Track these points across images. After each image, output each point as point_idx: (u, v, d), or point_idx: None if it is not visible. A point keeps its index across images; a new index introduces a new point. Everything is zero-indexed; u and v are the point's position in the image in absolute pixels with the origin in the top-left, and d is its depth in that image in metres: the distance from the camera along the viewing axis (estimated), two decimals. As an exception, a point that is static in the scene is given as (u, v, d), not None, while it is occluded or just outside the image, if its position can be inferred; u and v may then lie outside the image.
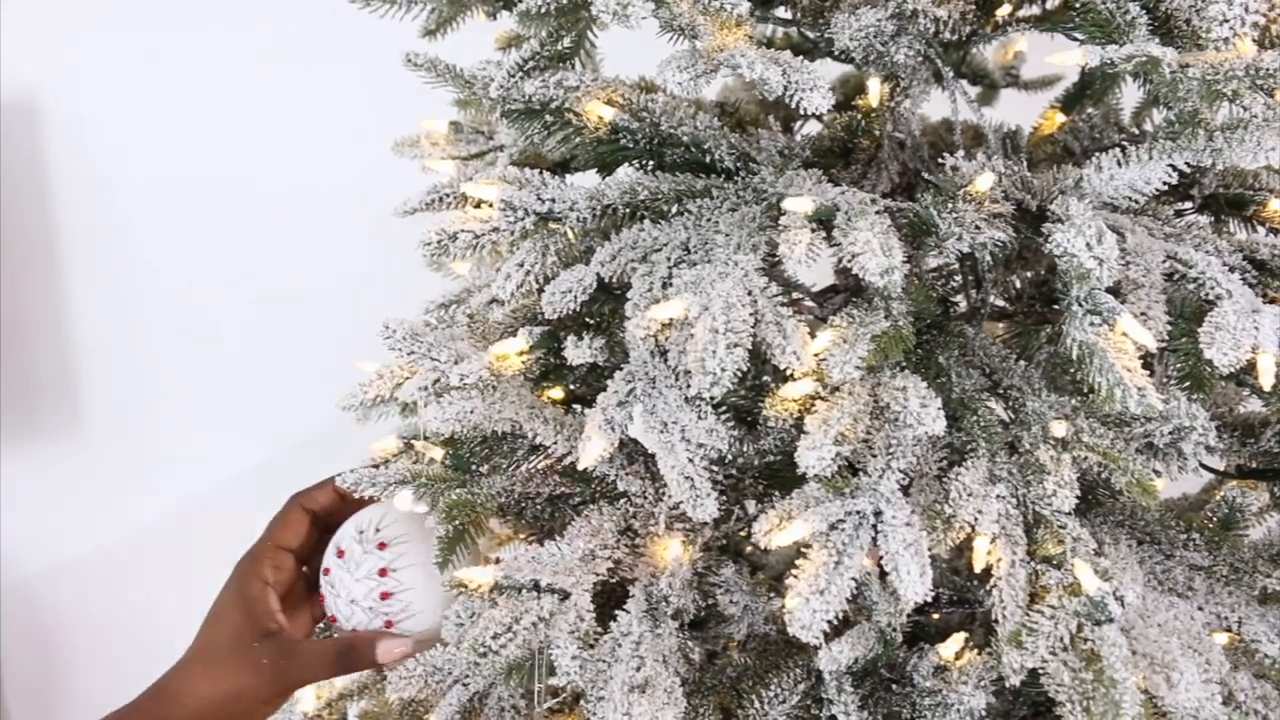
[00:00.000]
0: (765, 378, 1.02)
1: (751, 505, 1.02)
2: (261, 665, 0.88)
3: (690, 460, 0.83)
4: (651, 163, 0.98)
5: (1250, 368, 0.83)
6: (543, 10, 0.80)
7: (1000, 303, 1.07)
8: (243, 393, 2.14)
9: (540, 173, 0.90)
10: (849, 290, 1.07)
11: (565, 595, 0.88)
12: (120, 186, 2.09)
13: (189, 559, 2.04)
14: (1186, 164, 0.89)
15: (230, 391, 2.15)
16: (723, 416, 0.85)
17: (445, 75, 1.06)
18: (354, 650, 0.92)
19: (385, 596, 0.95)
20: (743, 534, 1.04)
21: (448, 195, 1.09)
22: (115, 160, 2.08)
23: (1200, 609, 0.95)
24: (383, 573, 0.96)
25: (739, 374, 0.79)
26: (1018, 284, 1.07)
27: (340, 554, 0.98)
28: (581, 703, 0.88)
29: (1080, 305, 0.82)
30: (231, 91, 2.04)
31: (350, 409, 1.02)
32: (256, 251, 2.08)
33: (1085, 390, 0.83)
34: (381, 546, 0.96)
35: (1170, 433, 0.89)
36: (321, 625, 1.04)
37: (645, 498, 0.95)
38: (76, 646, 2.21)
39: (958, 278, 1.04)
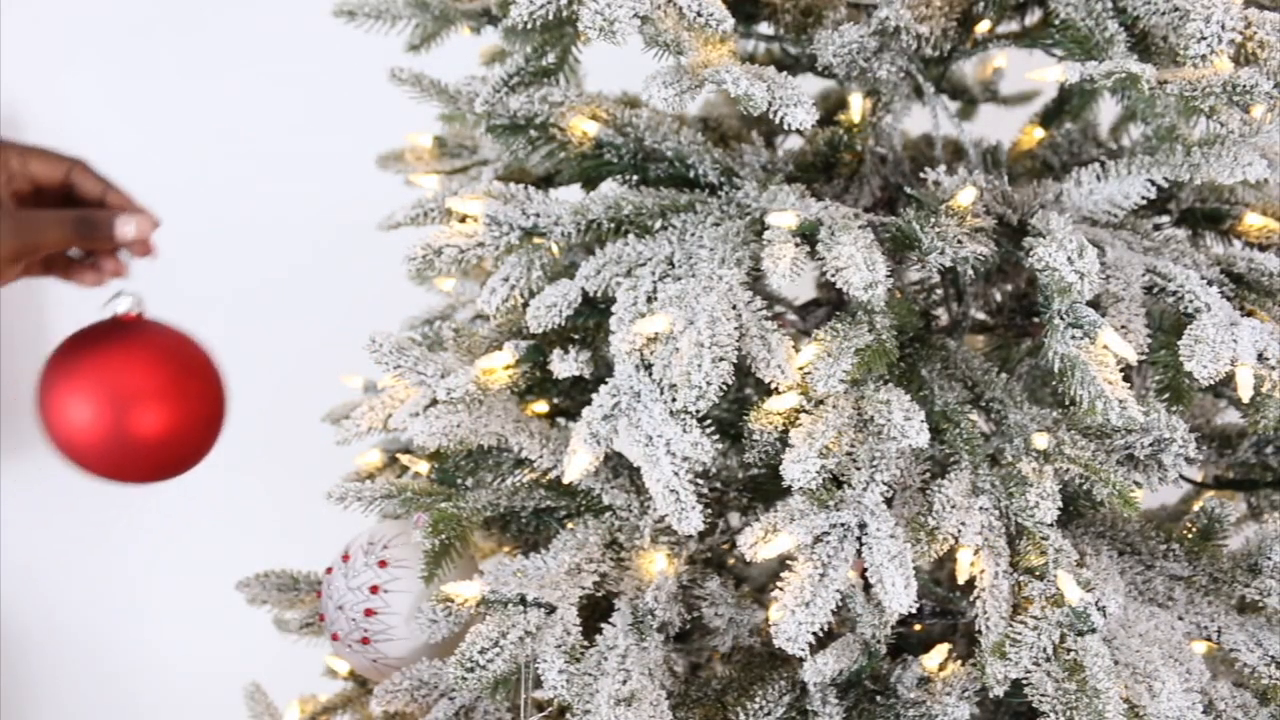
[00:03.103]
0: (749, 391, 1.03)
1: (736, 518, 1.03)
2: None
3: (675, 473, 0.83)
4: (635, 177, 0.99)
5: (1229, 380, 0.84)
6: (527, 26, 0.81)
7: (981, 316, 1.08)
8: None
9: (525, 188, 0.90)
10: (831, 304, 1.08)
11: (551, 609, 0.88)
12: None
13: (174, 575, 2.04)
14: (1164, 179, 0.90)
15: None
16: (707, 430, 0.85)
17: (430, 90, 1.06)
18: (92, 219, 0.85)
19: (369, 613, 0.95)
20: (727, 547, 1.04)
21: (432, 210, 1.10)
22: (96, 174, 2.07)
23: (1180, 619, 0.96)
24: (374, 589, 0.96)
25: (724, 388, 0.80)
26: (998, 297, 1.08)
27: (345, 558, 0.98)
28: (568, 716, 0.88)
29: (1062, 319, 0.83)
30: (215, 107, 2.03)
31: (344, 442, 1.02)
32: (240, 266, 2.07)
33: (1066, 402, 0.84)
34: (382, 564, 0.96)
35: (1151, 444, 0.90)
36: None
37: (630, 511, 0.95)
38: (58, 661, 2.20)
39: (939, 291, 1.04)
